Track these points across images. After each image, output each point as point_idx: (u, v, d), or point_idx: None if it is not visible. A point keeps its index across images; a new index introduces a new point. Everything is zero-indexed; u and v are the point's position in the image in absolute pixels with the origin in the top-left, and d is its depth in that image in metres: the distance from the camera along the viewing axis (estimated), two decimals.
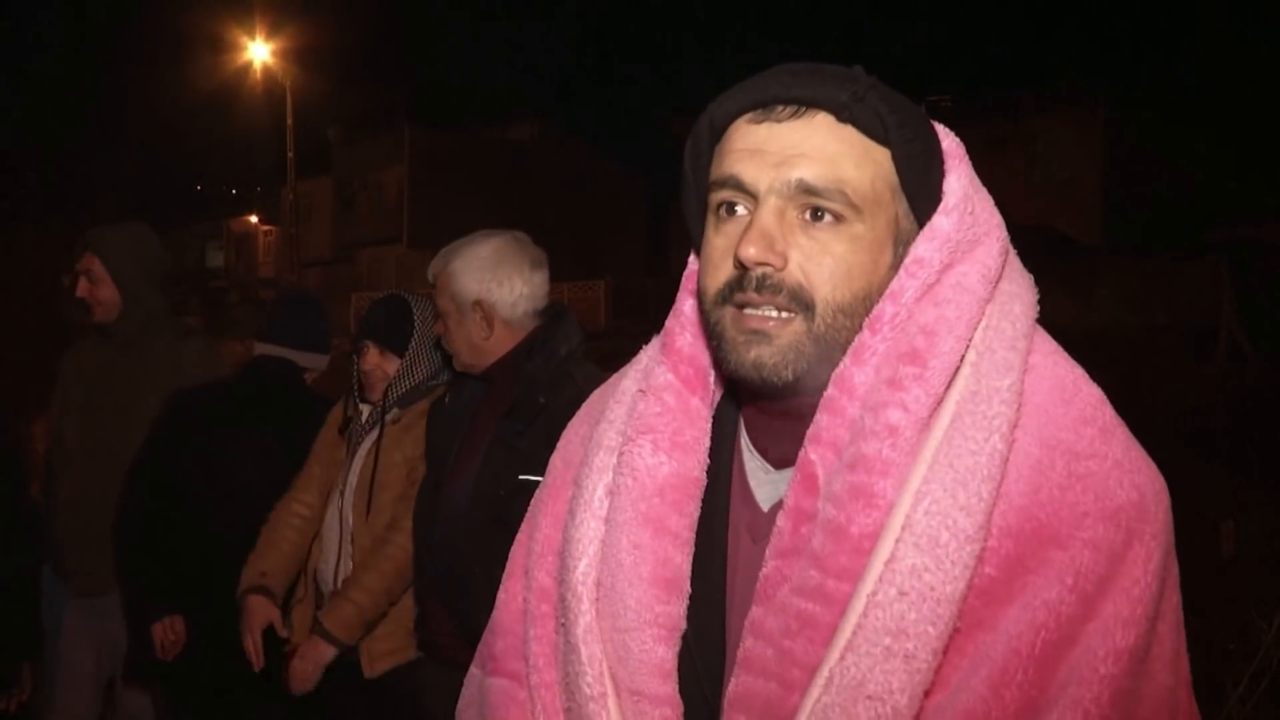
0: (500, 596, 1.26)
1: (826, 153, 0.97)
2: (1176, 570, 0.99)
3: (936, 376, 0.95)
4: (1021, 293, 1.03)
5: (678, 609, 1.05)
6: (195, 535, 2.87)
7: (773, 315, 0.98)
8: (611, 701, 1.04)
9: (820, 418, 0.99)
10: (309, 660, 2.55)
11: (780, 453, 1.07)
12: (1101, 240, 22.02)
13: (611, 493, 1.09)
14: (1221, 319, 14.36)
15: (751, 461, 1.10)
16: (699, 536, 1.08)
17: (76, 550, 3.07)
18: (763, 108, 1.00)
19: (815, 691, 0.92)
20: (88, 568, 3.06)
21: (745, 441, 1.11)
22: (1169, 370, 12.32)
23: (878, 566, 0.91)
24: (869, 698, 0.89)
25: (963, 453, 0.93)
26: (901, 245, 1.01)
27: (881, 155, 1.00)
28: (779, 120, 0.99)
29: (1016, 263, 1.06)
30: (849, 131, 0.98)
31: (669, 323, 1.14)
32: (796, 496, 0.98)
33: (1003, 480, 0.93)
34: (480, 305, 2.30)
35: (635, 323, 18.50)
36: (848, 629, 0.91)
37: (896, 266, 1.01)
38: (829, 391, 0.99)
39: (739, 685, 0.98)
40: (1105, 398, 1.01)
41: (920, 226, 1.02)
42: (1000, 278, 1.02)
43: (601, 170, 34.48)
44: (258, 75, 27.88)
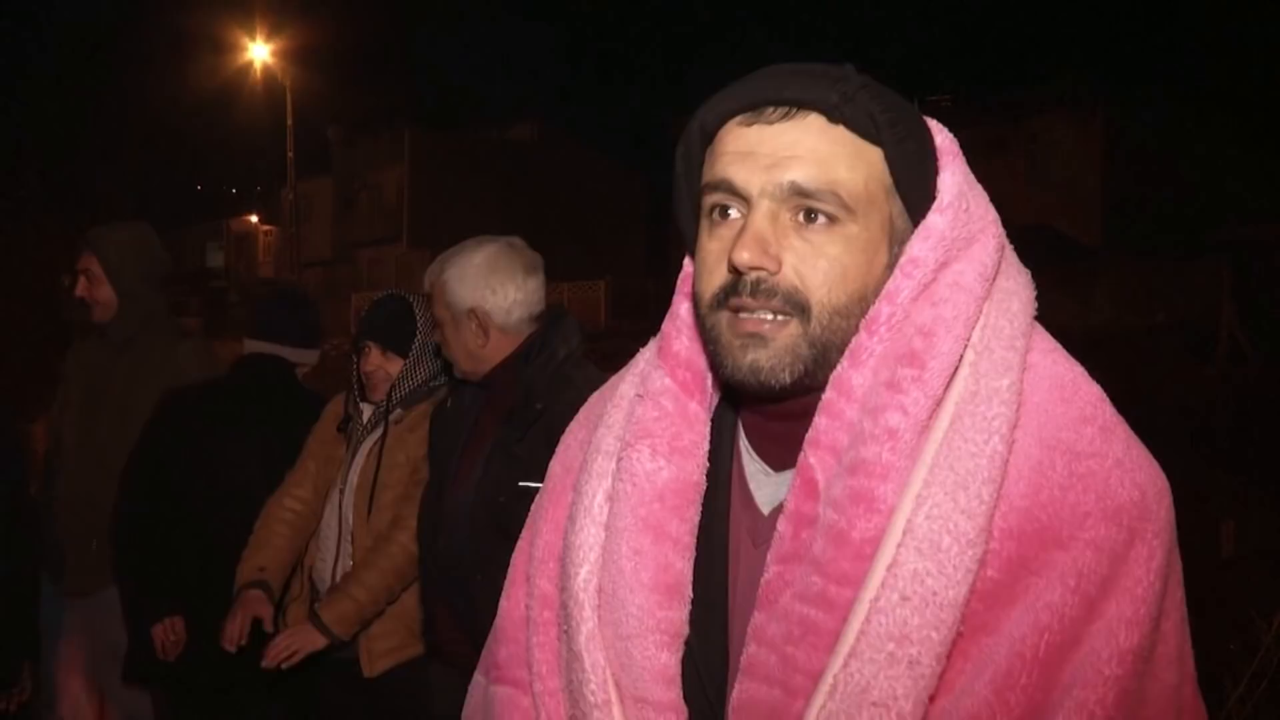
0: (503, 604, 1.25)
1: (818, 154, 0.97)
2: (1180, 568, 0.98)
3: (935, 378, 0.94)
4: (1019, 289, 1.02)
5: (680, 614, 1.04)
6: (193, 535, 2.86)
7: (768, 319, 0.97)
8: (616, 708, 1.04)
9: (819, 420, 0.98)
10: (296, 640, 2.51)
11: (780, 455, 1.06)
12: (1101, 240, 22.04)
13: (611, 499, 1.08)
14: (1221, 319, 14.37)
15: (751, 464, 1.10)
16: (700, 541, 1.07)
17: (74, 549, 3.06)
18: (753, 110, 0.99)
19: (820, 698, 0.91)
20: (84, 567, 3.06)
21: (744, 444, 1.11)
22: (1169, 370, 12.32)
23: (880, 572, 0.91)
24: (873, 704, 0.89)
25: (963, 455, 0.92)
26: (897, 245, 1.01)
27: (874, 155, 0.99)
28: (770, 122, 0.98)
29: (1013, 258, 1.06)
30: (840, 132, 0.98)
31: (665, 326, 1.13)
32: (797, 501, 0.98)
33: (1003, 482, 0.92)
34: (474, 313, 2.31)
35: (635, 323, 18.48)
36: (851, 635, 0.91)
37: (892, 267, 1.00)
38: (827, 394, 0.98)
39: (743, 692, 0.97)
40: (1104, 395, 1.00)
41: (915, 225, 1.01)
42: (997, 274, 1.01)
43: (601, 170, 34.47)
44: (258, 75, 27.96)
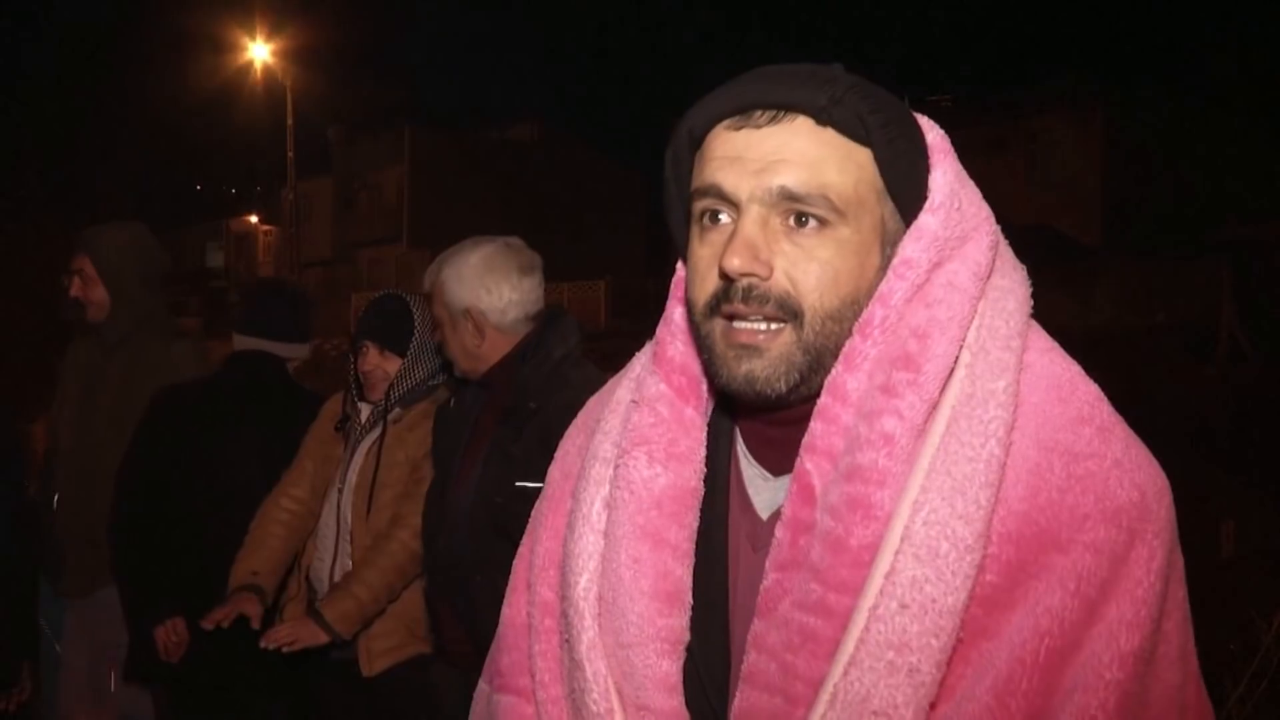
0: (505, 611, 1.25)
1: (807, 158, 0.95)
2: (1182, 566, 0.98)
3: (930, 381, 0.93)
4: (1015, 287, 1.01)
5: (680, 622, 1.04)
6: (193, 534, 2.85)
7: (762, 328, 0.97)
8: (618, 716, 1.04)
9: (815, 426, 0.98)
10: (298, 631, 2.50)
11: (777, 460, 1.05)
12: (1101, 240, 22.01)
13: (609, 506, 1.08)
14: (1221, 319, 14.35)
15: (749, 469, 1.09)
16: (699, 547, 1.06)
17: (72, 549, 3.06)
18: (741, 113, 0.98)
19: (820, 708, 0.91)
20: (84, 567, 3.05)
21: (742, 449, 1.10)
22: (1169, 370, 12.30)
23: (878, 579, 0.90)
24: (874, 713, 0.88)
25: (960, 459, 0.91)
26: (889, 246, 0.99)
27: (864, 156, 0.97)
28: (758, 126, 0.97)
29: (1009, 256, 1.04)
30: (829, 134, 0.96)
31: (660, 331, 1.12)
32: (794, 507, 0.97)
33: (1001, 485, 0.92)
34: (470, 313, 2.32)
35: (635, 323, 18.46)
36: (850, 643, 0.90)
37: (885, 269, 0.99)
38: (822, 399, 0.98)
39: (744, 700, 0.97)
40: (1102, 394, 0.99)
41: (907, 226, 1.00)
42: (991, 273, 1.00)
43: (601, 170, 34.45)
44: (258, 75, 27.93)
